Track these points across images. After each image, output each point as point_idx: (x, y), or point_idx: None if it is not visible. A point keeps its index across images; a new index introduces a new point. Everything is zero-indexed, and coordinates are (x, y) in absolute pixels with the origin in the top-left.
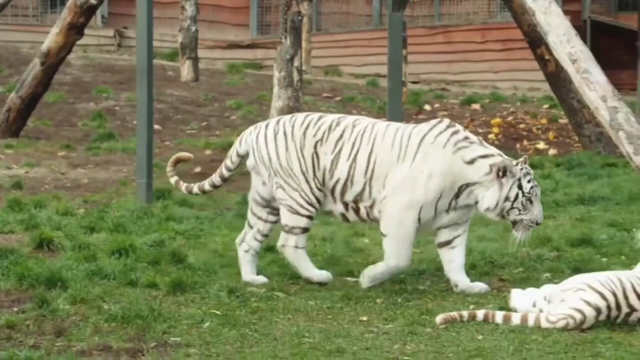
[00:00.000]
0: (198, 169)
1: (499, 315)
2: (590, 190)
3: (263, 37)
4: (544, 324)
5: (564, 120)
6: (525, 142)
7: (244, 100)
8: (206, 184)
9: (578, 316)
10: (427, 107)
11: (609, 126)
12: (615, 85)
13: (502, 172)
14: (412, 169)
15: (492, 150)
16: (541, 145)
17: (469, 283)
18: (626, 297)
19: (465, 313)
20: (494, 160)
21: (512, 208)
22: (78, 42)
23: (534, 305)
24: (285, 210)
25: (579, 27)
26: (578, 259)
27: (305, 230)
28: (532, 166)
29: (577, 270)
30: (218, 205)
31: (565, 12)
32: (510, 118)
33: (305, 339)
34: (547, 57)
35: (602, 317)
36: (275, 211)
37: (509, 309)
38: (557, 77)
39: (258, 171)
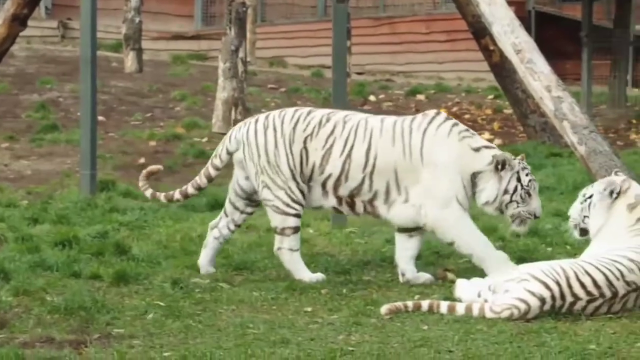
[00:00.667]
0: (142, 160)
1: (444, 306)
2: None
3: (208, 28)
4: (489, 314)
5: (508, 111)
6: None
7: (188, 91)
8: (189, 187)
9: (522, 306)
10: (372, 98)
11: (553, 116)
12: (559, 75)
13: (502, 165)
14: (426, 168)
15: (490, 143)
16: (486, 135)
17: (416, 273)
18: (570, 287)
19: (410, 303)
20: (495, 151)
21: (511, 201)
22: (21, 34)
23: (479, 296)
24: (272, 211)
25: (523, 18)
26: (523, 248)
27: (296, 230)
28: None
29: (522, 260)
30: None
31: (510, 3)
32: (455, 109)
33: (249, 330)
34: (491, 47)
35: (547, 307)
36: (253, 203)
37: (454, 299)
38: (501, 68)
39: (244, 166)
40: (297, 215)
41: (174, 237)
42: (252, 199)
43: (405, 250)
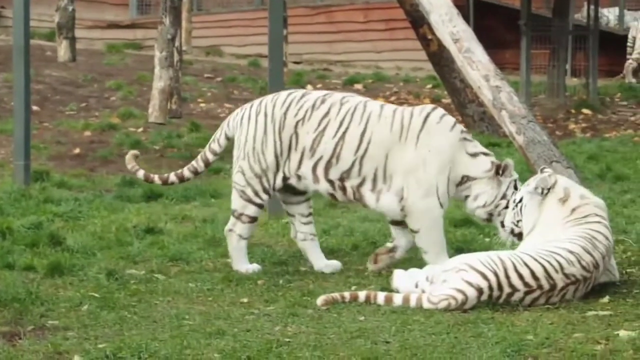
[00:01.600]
0: (77, 151)
1: (381, 296)
2: None
3: (143, 17)
4: (426, 304)
5: (447, 100)
6: None
7: (124, 80)
8: (185, 171)
9: (460, 297)
10: (309, 87)
11: (491, 105)
12: (498, 64)
13: (504, 170)
14: (418, 150)
15: (487, 150)
16: None
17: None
18: (508, 277)
19: (347, 294)
20: (493, 158)
21: (505, 208)
22: None
23: (417, 286)
24: (237, 195)
25: (462, 7)
26: (461, 239)
27: (253, 219)
28: None
29: (460, 251)
30: (97, 187)
31: None
32: (393, 98)
33: (185, 321)
34: (429, 36)
35: (484, 297)
36: (298, 191)
37: (391, 290)
38: (439, 57)
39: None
40: (260, 206)
41: (109, 228)
42: (288, 185)
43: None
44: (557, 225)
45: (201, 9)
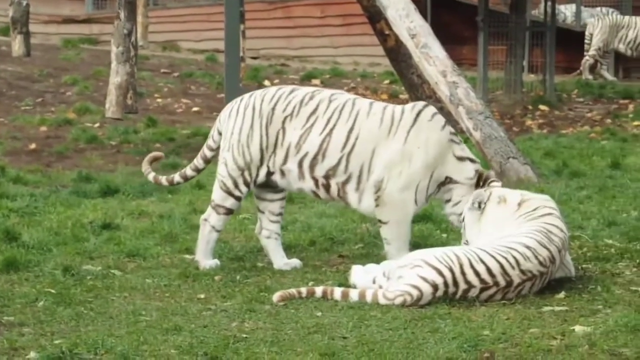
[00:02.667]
0: (33, 146)
1: (338, 292)
2: None
3: (99, 12)
4: (382, 300)
5: (404, 96)
6: None
7: (80, 76)
8: (188, 170)
9: (415, 292)
10: (266, 82)
11: (448, 101)
12: (455, 60)
13: (484, 181)
14: (406, 145)
15: (475, 157)
16: None
17: None
18: (464, 274)
19: (304, 290)
20: (479, 167)
21: None
22: None
23: (374, 282)
24: (218, 186)
25: (419, 2)
26: (418, 234)
27: (229, 212)
28: None
29: (416, 246)
30: (53, 182)
31: None
32: (350, 94)
33: (142, 317)
34: (386, 32)
35: (440, 293)
36: (275, 189)
37: (348, 286)
38: (397, 52)
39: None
40: (239, 199)
41: (65, 223)
42: (271, 185)
43: None
44: (509, 221)
45: (157, 4)
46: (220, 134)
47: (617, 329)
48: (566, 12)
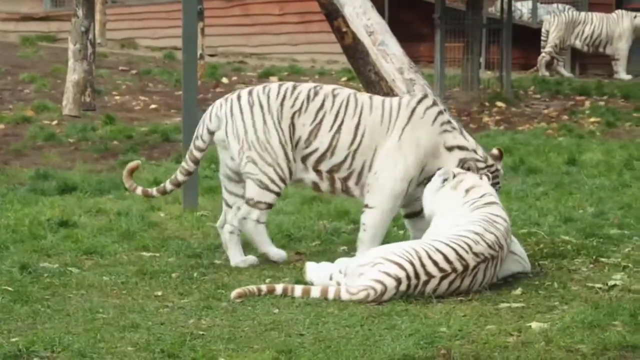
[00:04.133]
0: None
1: (298, 289)
2: None
3: (57, 9)
4: (345, 296)
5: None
6: None
7: (38, 73)
8: (179, 175)
9: (379, 287)
10: (224, 80)
11: None
12: (413, 57)
13: (468, 168)
14: (401, 141)
15: (471, 142)
16: None
17: None
18: (423, 265)
19: (264, 287)
20: (465, 155)
21: None
22: None
23: (331, 279)
24: (253, 184)
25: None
26: None
27: (270, 206)
28: None
29: None
30: (11, 180)
31: None
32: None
33: (99, 315)
34: (344, 29)
35: (403, 287)
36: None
37: (305, 283)
38: (354, 50)
39: (226, 145)
40: (278, 194)
41: (22, 221)
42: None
43: (420, 231)
44: (458, 208)
45: (115, 1)
46: (210, 133)
47: (574, 325)
48: (522, 9)
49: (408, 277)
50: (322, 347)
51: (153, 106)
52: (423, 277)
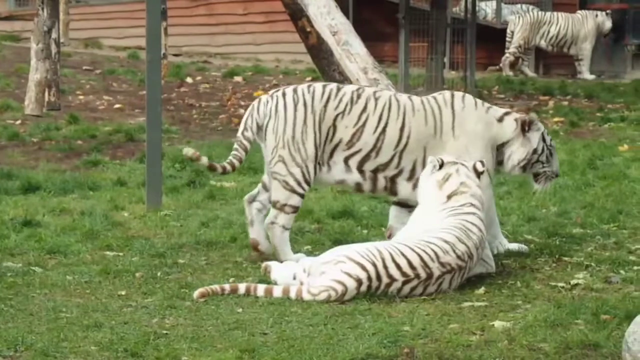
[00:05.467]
0: None
1: (261, 289)
2: None
3: (21, 8)
4: (306, 296)
5: None
6: None
7: (1, 72)
8: (234, 160)
9: (339, 288)
10: (189, 79)
11: None
12: (377, 57)
13: (529, 126)
14: (458, 140)
15: (508, 109)
16: None
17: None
18: (386, 268)
19: (227, 286)
20: (515, 115)
21: (537, 161)
22: None
23: (294, 278)
24: (280, 186)
25: (341, 0)
26: (339, 231)
27: (296, 210)
28: None
29: (337, 242)
30: None
31: None
32: (273, 91)
33: (62, 314)
34: (308, 29)
35: (364, 288)
36: None
37: (269, 282)
38: (318, 50)
39: (264, 138)
40: (303, 196)
41: None
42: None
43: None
44: (435, 213)
45: (79, 1)
46: (259, 126)
47: (536, 324)
48: (487, 9)
49: (369, 279)
50: (285, 346)
51: (117, 106)
52: (385, 280)
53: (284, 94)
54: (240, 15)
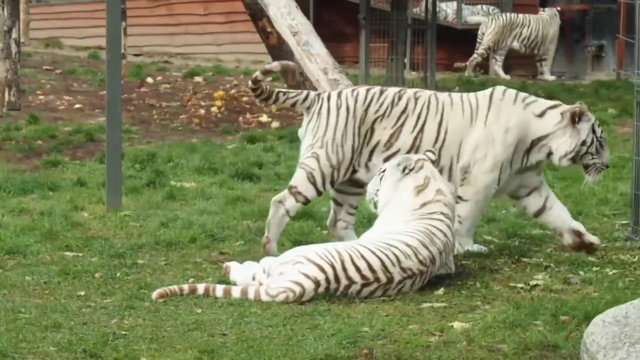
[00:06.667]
0: None
1: (219, 289)
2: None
3: None
4: (264, 297)
5: None
6: (248, 115)
7: None
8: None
9: (297, 289)
10: (149, 79)
11: None
12: (338, 58)
13: (579, 117)
14: (487, 129)
15: (557, 101)
16: (264, 118)
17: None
18: (345, 270)
19: (185, 287)
20: (563, 108)
21: (586, 152)
22: None
23: (254, 279)
24: (304, 175)
25: (301, 0)
26: (299, 231)
27: (306, 202)
28: (255, 139)
29: (297, 243)
30: None
31: None
32: (233, 91)
33: (21, 315)
34: (269, 29)
35: (321, 289)
36: (358, 184)
37: (228, 283)
38: (279, 50)
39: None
40: (320, 194)
41: None
42: (352, 179)
43: (559, 218)
44: (403, 216)
45: (40, 0)
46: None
47: (495, 324)
48: (447, 9)
49: (327, 280)
50: (244, 346)
51: (77, 106)
52: (344, 282)
53: (328, 97)
54: (201, 15)
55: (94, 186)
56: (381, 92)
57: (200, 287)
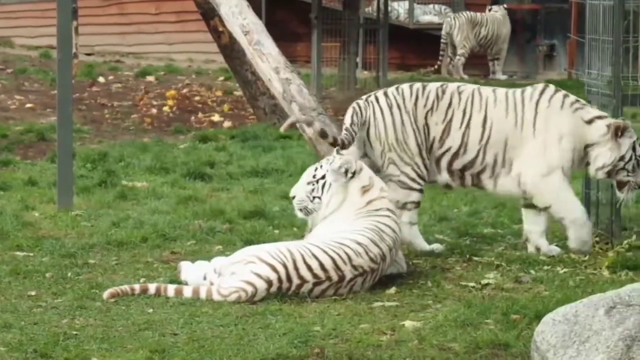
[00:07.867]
0: None
1: (171, 289)
2: (264, 162)
3: None
4: (216, 296)
5: (239, 93)
6: (200, 115)
7: None
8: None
9: (249, 289)
10: (101, 79)
11: (281, 98)
12: (290, 57)
13: (622, 132)
14: (537, 139)
15: (603, 112)
16: (216, 117)
17: (549, 246)
18: (297, 269)
19: (137, 286)
20: (608, 121)
21: (623, 168)
22: None
23: (205, 278)
24: (397, 186)
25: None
26: (250, 231)
27: (417, 204)
28: (207, 139)
29: (248, 242)
30: None
31: None
32: (185, 90)
33: None
34: (220, 29)
35: (274, 289)
36: None
37: (180, 282)
38: (231, 49)
39: (365, 145)
40: (421, 191)
41: None
42: None
43: (536, 225)
44: (350, 215)
45: None
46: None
47: (447, 323)
48: (399, 9)
49: (279, 280)
50: (195, 346)
51: (29, 105)
52: (296, 281)
53: (376, 99)
54: (153, 14)
55: (45, 186)
56: (424, 87)
57: (152, 287)
